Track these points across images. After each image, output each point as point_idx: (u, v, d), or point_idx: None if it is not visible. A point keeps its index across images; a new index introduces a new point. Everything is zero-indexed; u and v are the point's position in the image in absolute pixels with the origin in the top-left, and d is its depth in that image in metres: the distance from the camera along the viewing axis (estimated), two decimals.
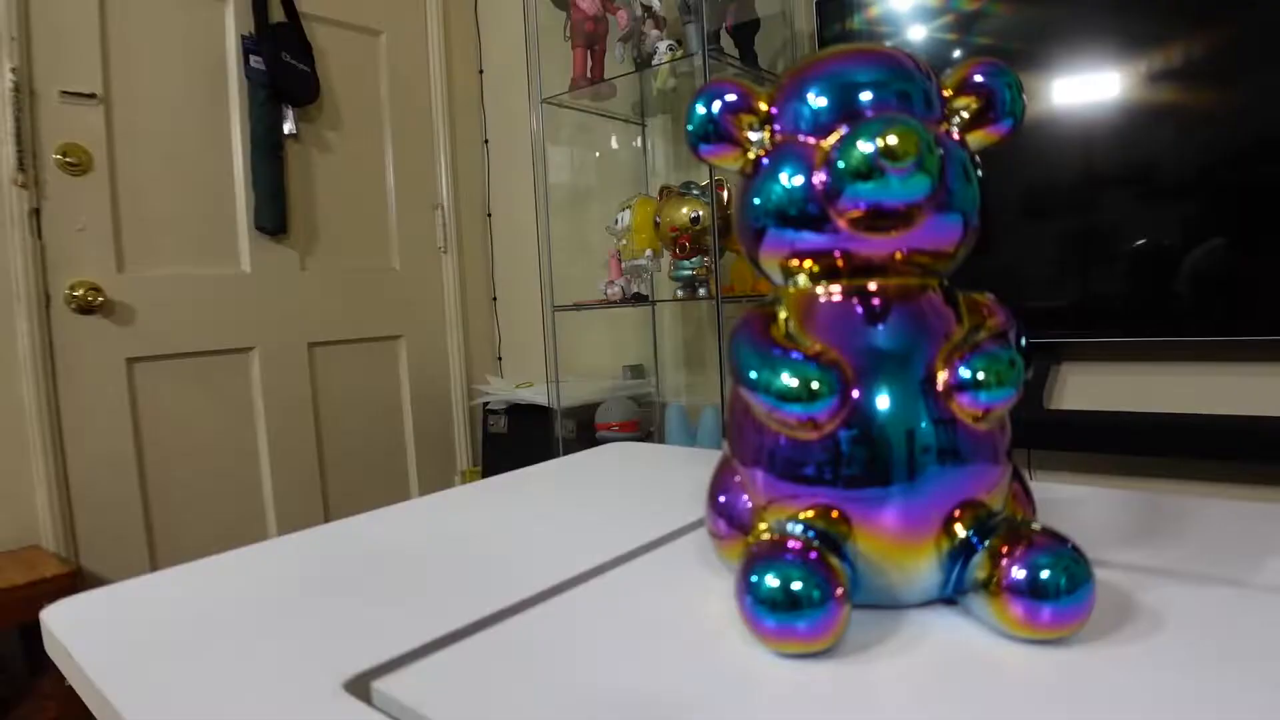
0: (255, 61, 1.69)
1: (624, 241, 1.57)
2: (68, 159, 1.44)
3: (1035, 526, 0.33)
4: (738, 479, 0.37)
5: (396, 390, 2.05)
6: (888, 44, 1.43)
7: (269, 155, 1.72)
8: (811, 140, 0.33)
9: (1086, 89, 1.30)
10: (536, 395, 1.82)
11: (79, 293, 1.45)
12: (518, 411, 1.88)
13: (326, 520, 0.55)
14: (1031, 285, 1.38)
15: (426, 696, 0.30)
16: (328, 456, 1.89)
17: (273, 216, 1.72)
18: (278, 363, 1.78)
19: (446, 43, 2.17)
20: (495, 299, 2.32)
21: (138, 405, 1.56)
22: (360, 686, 0.31)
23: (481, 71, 2.28)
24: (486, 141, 2.29)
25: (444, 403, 2.17)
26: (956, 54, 1.38)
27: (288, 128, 1.77)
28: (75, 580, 1.27)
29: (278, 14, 1.75)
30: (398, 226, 2.05)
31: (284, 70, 1.73)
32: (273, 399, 1.77)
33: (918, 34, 1.43)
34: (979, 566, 0.32)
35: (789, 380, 0.32)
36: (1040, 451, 1.46)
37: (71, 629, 0.38)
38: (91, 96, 1.48)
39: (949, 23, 1.39)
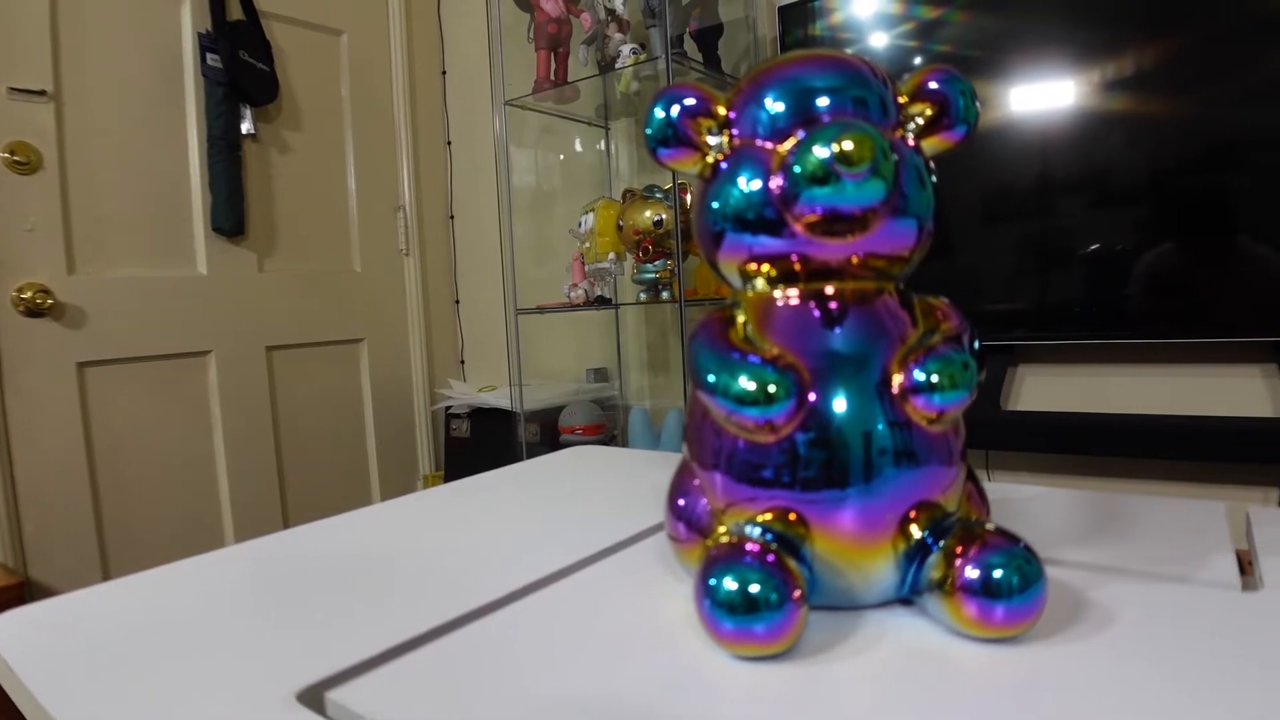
0: (212, 60, 1.66)
1: (587, 244, 1.57)
2: (16, 157, 1.40)
3: (989, 527, 0.34)
4: (697, 482, 0.37)
5: (358, 394, 2.03)
6: (848, 50, 1.44)
7: (226, 155, 1.69)
8: (769, 145, 0.33)
9: (1042, 96, 1.32)
10: (499, 399, 1.81)
11: (27, 295, 1.41)
12: (480, 415, 1.87)
13: (285, 527, 0.54)
14: (989, 289, 1.40)
15: (381, 706, 0.29)
16: (287, 462, 1.86)
17: (230, 218, 1.69)
18: (235, 367, 1.75)
19: (409, 43, 2.15)
20: (458, 302, 2.30)
21: (89, 411, 1.52)
22: (314, 697, 0.31)
23: (444, 72, 2.27)
24: (449, 143, 2.27)
25: (406, 407, 2.14)
26: (918, 60, 1.40)
27: (246, 127, 1.74)
28: (23, 592, 1.24)
29: (236, 12, 1.72)
30: (359, 228, 2.02)
31: (242, 69, 1.70)
32: (230, 404, 1.74)
33: (879, 40, 1.44)
34: (934, 567, 0.33)
35: (746, 384, 0.32)
36: (998, 452, 1.49)
37: (14, 642, 0.37)
38: (41, 94, 1.45)
39: (910, 30, 1.42)
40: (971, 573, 0.31)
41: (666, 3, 1.43)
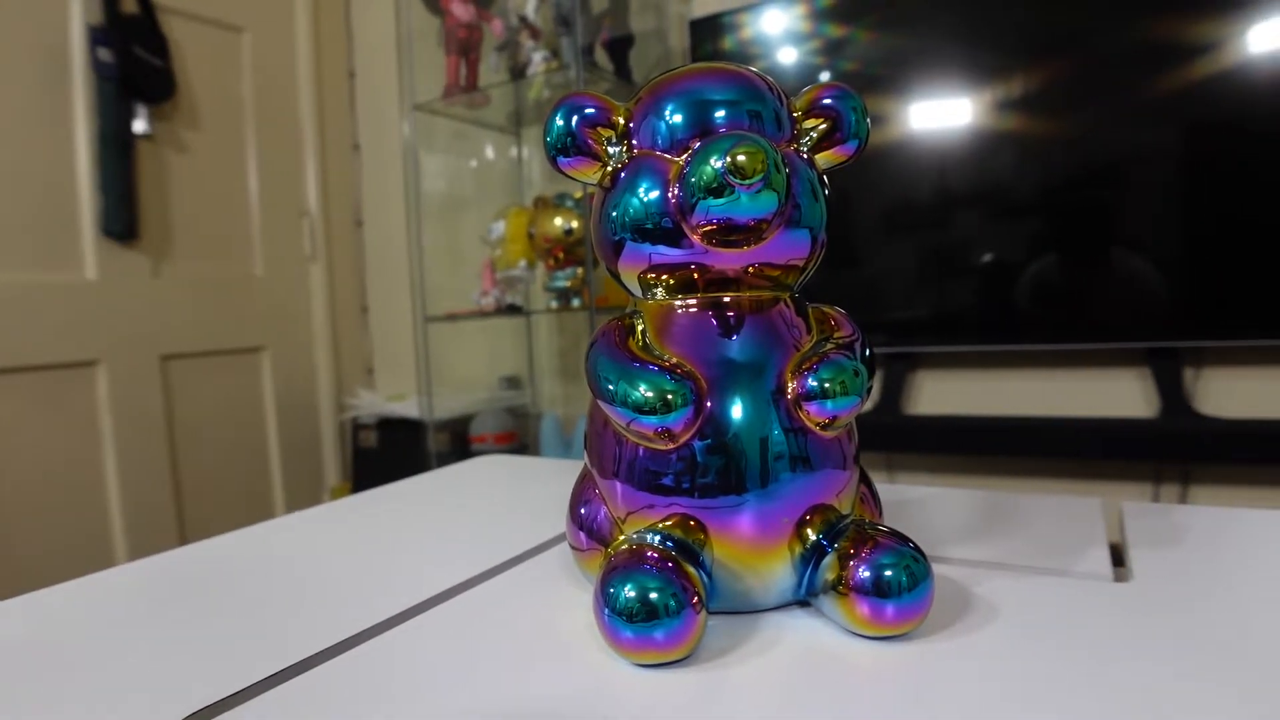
0: (104, 54, 1.58)
1: (498, 251, 1.56)
2: None
3: (881, 528, 0.35)
4: (598, 491, 0.37)
5: (259, 404, 1.96)
6: (756, 66, 1.48)
7: (118, 155, 1.61)
8: (668, 156, 0.34)
9: (941, 114, 1.38)
10: (408, 408, 1.77)
11: None
12: (389, 425, 1.83)
13: (182, 544, 0.52)
14: (892, 298, 1.45)
15: None
16: (184, 476, 1.77)
17: (122, 220, 1.61)
18: (127, 377, 1.66)
19: (315, 43, 2.09)
20: (366, 309, 2.25)
21: None
22: None
23: (352, 74, 2.22)
24: (358, 147, 2.22)
25: (311, 417, 2.08)
26: (824, 76, 1.44)
27: (140, 126, 1.66)
28: None
29: (130, 5, 1.64)
30: (261, 233, 1.95)
31: (136, 65, 1.62)
32: (122, 416, 1.65)
33: (788, 56, 1.48)
34: (829, 568, 0.34)
35: (645, 392, 0.32)
36: (900, 454, 1.54)
37: None
38: None
39: (818, 47, 1.46)
40: (863, 573, 0.32)
41: (578, 12, 1.43)
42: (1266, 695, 0.28)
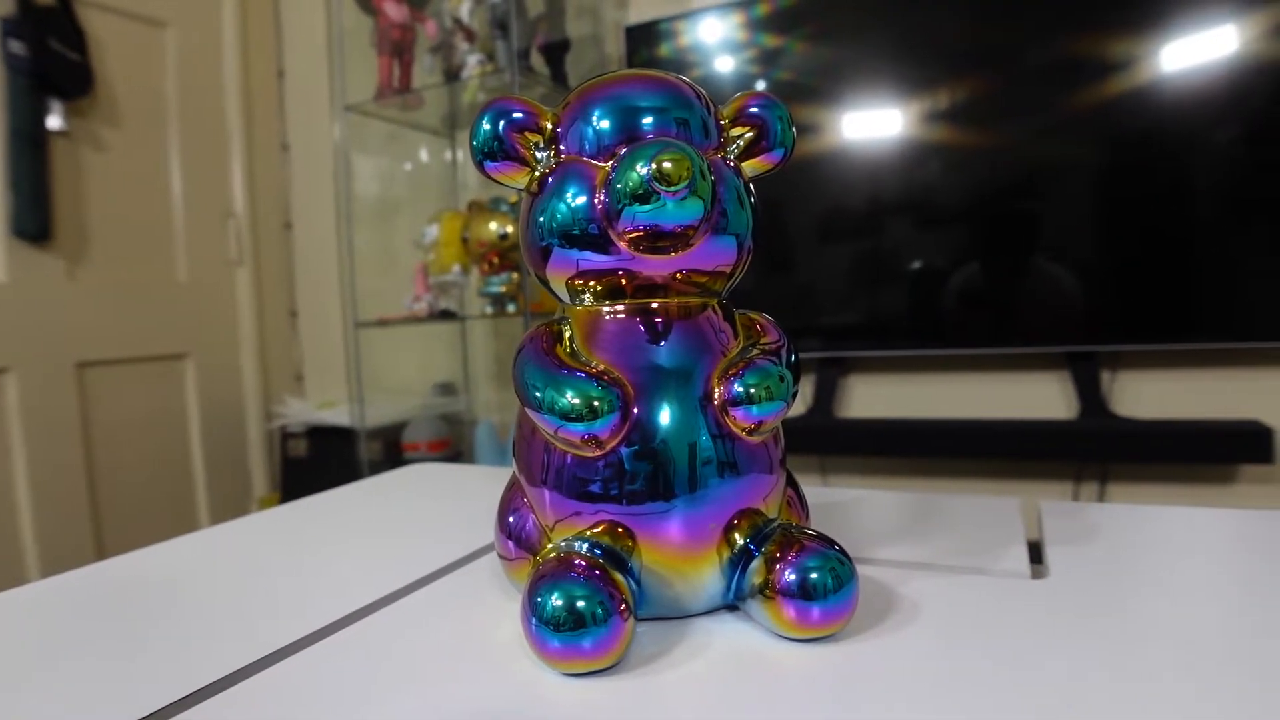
0: (16, 47, 1.51)
1: (431, 256, 1.54)
2: None
3: (808, 531, 0.35)
4: (526, 499, 0.37)
5: (183, 414, 1.89)
6: (692, 74, 1.49)
7: (30, 152, 1.53)
8: (595, 161, 0.34)
9: (872, 124, 1.41)
10: (339, 416, 1.74)
11: None
12: (319, 434, 1.79)
13: (100, 559, 0.50)
14: (824, 304, 1.48)
15: None
16: (101, 489, 1.70)
17: (35, 221, 1.54)
18: (40, 385, 1.59)
19: (243, 40, 2.03)
20: (295, 314, 2.19)
21: None
22: None
23: (282, 73, 2.16)
24: (287, 147, 2.17)
25: (238, 426, 2.01)
26: (760, 85, 1.46)
27: (55, 122, 1.59)
28: None
29: None
30: (185, 235, 1.89)
31: (51, 58, 1.55)
32: (34, 426, 1.58)
33: (724, 65, 1.50)
34: (756, 572, 0.34)
35: (571, 399, 0.32)
36: (832, 457, 1.56)
37: None
38: None
39: (753, 56, 1.48)
40: (789, 576, 0.33)
41: (513, 15, 1.42)
42: (1178, 685, 0.29)
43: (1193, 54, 1.22)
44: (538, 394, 0.33)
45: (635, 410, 0.33)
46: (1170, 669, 0.30)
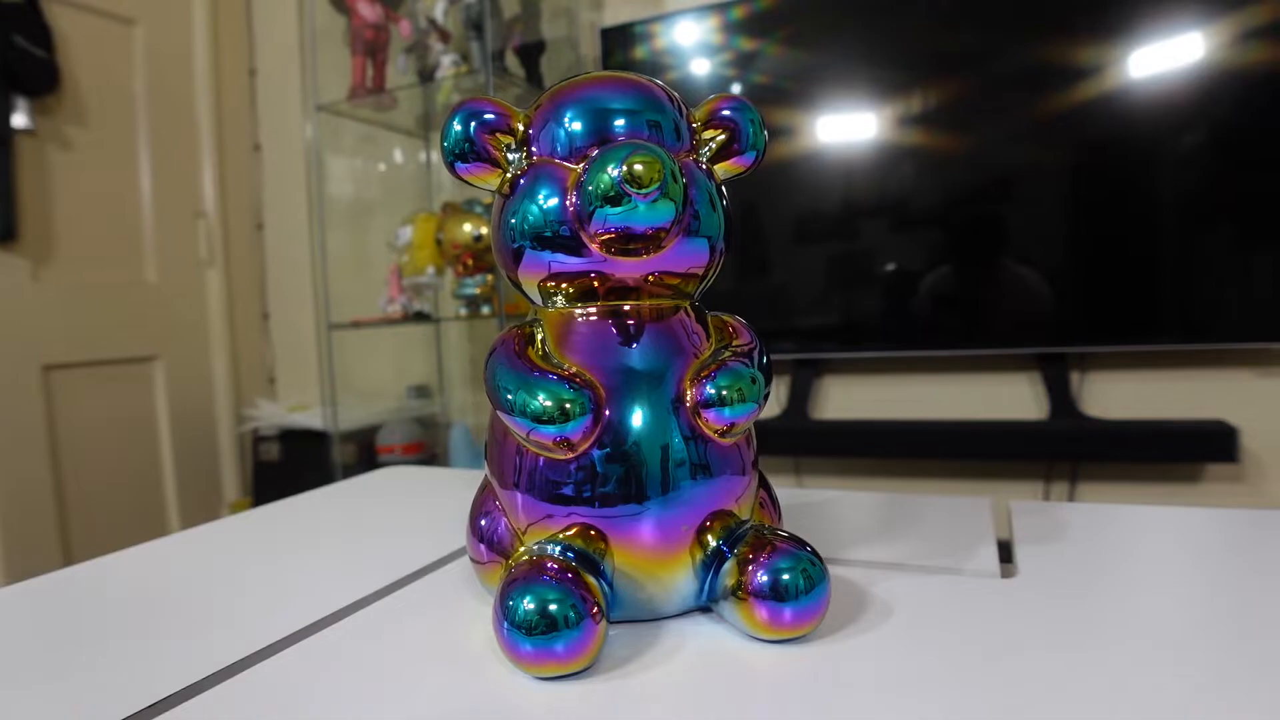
0: None
1: (405, 258, 1.53)
2: None
3: (780, 533, 0.35)
4: (498, 502, 0.37)
5: (152, 417, 1.86)
6: (665, 77, 1.49)
7: None
8: (567, 163, 0.34)
9: (847, 128, 1.42)
10: (312, 419, 1.72)
11: None
12: (292, 437, 1.77)
13: (67, 565, 0.49)
14: (799, 306, 1.49)
15: None
16: (68, 494, 1.67)
17: None
18: (5, 388, 1.56)
19: (214, 39, 2.00)
20: (267, 316, 2.16)
21: None
22: None
23: (254, 72, 2.14)
24: (258, 147, 2.14)
25: (208, 429, 1.99)
26: (735, 88, 1.47)
27: (20, 120, 1.56)
28: None
29: None
30: (154, 236, 1.86)
31: (16, 55, 1.53)
32: None
33: (700, 68, 1.50)
34: (728, 574, 0.34)
35: (543, 401, 0.32)
36: (808, 458, 1.57)
37: None
38: None
39: (729, 59, 1.48)
40: (761, 578, 0.33)
41: (488, 16, 1.42)
42: (1145, 681, 0.29)
43: (1159, 61, 1.24)
44: (509, 396, 0.33)
45: (607, 413, 0.33)
46: (1139, 665, 0.30)
